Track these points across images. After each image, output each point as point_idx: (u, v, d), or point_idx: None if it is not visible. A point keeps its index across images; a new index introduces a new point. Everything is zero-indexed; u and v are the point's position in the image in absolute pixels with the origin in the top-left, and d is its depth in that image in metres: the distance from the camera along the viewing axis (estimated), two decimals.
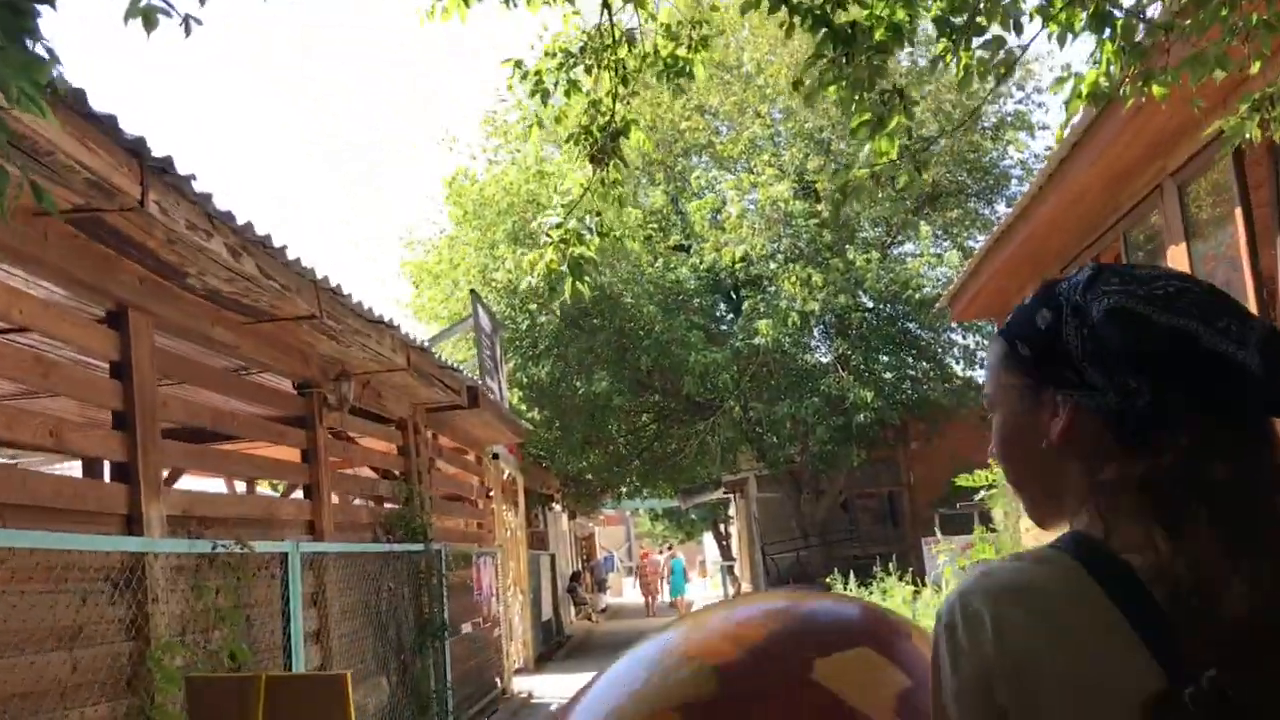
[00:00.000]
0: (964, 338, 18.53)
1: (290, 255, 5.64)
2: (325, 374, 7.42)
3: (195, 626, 5.05)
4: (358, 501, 8.62)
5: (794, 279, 15.52)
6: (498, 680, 13.56)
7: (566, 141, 4.54)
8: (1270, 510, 1.02)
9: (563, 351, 16.86)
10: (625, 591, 43.72)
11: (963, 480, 7.06)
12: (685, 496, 23.19)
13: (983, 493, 14.66)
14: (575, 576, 28.46)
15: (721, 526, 35.68)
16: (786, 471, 19.19)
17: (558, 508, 26.73)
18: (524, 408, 16.80)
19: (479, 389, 10.20)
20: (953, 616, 1.05)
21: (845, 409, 16.89)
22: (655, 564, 34.53)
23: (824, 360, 17.32)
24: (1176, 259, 7.11)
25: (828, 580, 13.72)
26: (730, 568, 33.61)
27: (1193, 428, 1.03)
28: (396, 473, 9.53)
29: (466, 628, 12.96)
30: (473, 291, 11.38)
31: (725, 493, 23.42)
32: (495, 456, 14.30)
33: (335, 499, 7.63)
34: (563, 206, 4.84)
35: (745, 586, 28.04)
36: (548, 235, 4.26)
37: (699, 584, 39.50)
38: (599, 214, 4.40)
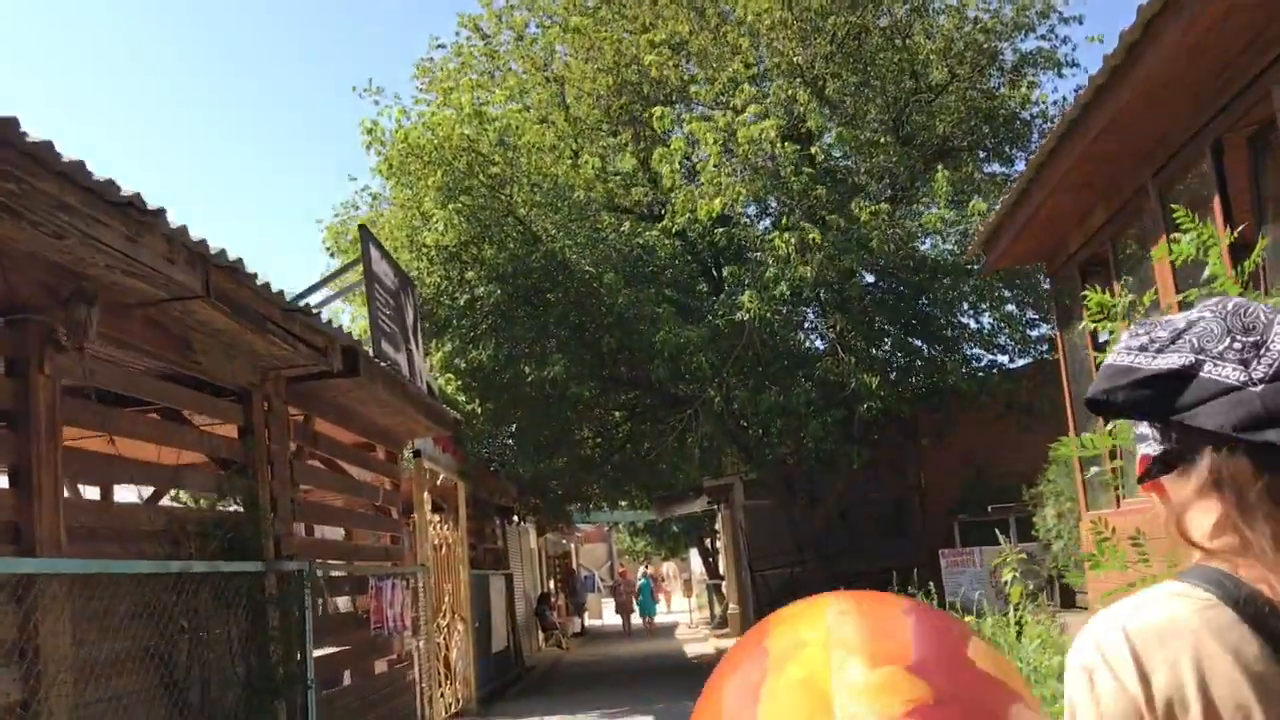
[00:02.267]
0: (977, 320, 15.86)
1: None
2: (52, 294, 4.70)
3: None
4: (131, 499, 5.89)
5: (785, 237, 12.84)
6: None
7: None
8: None
9: (509, 331, 14.13)
10: (607, 613, 40.87)
11: (1066, 449, 4.31)
12: (661, 506, 20.39)
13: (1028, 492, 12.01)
14: (544, 599, 25.70)
15: (707, 541, 32.89)
16: (778, 475, 16.48)
17: (523, 523, 23.99)
18: (462, 398, 14.07)
19: (359, 350, 7.49)
20: (1089, 658, 1.06)
21: (845, 399, 14.20)
22: (631, 583, 32.51)
23: (819, 343, 14.62)
24: None
25: None
26: (717, 586, 30.86)
27: (1229, 454, 1.05)
28: (237, 462, 6.81)
29: (381, 666, 10.25)
30: (362, 228, 8.67)
31: (709, 502, 20.68)
32: (417, 454, 11.57)
33: (69, 493, 4.90)
34: None
35: (732, 607, 25.30)
36: None
37: (683, 604, 36.63)
38: None
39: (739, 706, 1.00)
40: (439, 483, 14.04)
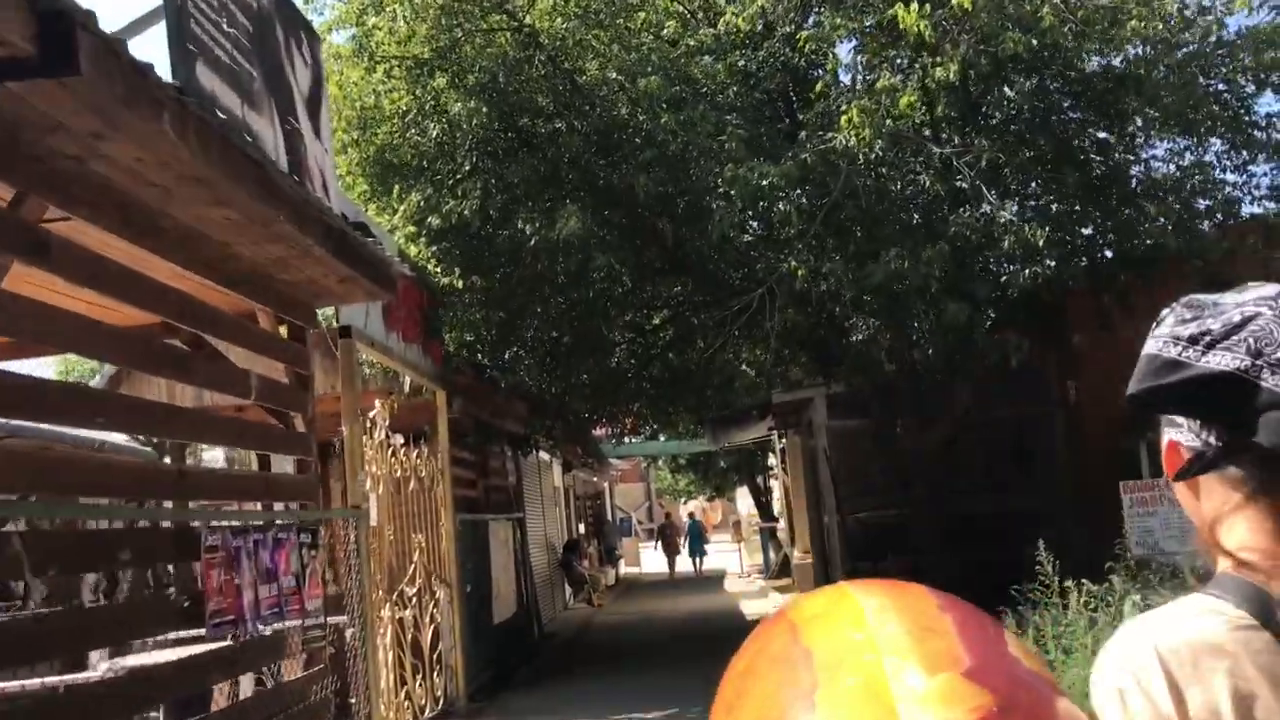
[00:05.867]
0: (1170, 159, 11.27)
1: None
2: None
3: None
4: None
5: (914, 10, 8.37)
6: None
7: None
8: None
9: (501, 174, 9.84)
10: (646, 559, 36.97)
11: None
12: (718, 431, 15.95)
13: None
14: (571, 547, 21.68)
15: (760, 479, 28.68)
16: (875, 388, 12.18)
17: (545, 456, 19.91)
18: (437, 269, 9.77)
19: (76, 17, 3.22)
20: (1121, 679, 1.02)
21: (989, 269, 9.84)
22: (677, 525, 30.70)
23: (958, 186, 10.04)
24: None
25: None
26: (772, 530, 26.72)
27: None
28: None
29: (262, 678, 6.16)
30: None
31: (773, 427, 16.32)
32: (346, 333, 7.34)
33: None
34: None
35: (795, 555, 21.14)
36: None
37: (732, 551, 32.61)
38: None
39: (793, 715, 0.95)
40: (404, 390, 9.87)
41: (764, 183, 9.09)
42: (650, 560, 36.17)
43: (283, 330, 6.49)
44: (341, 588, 6.84)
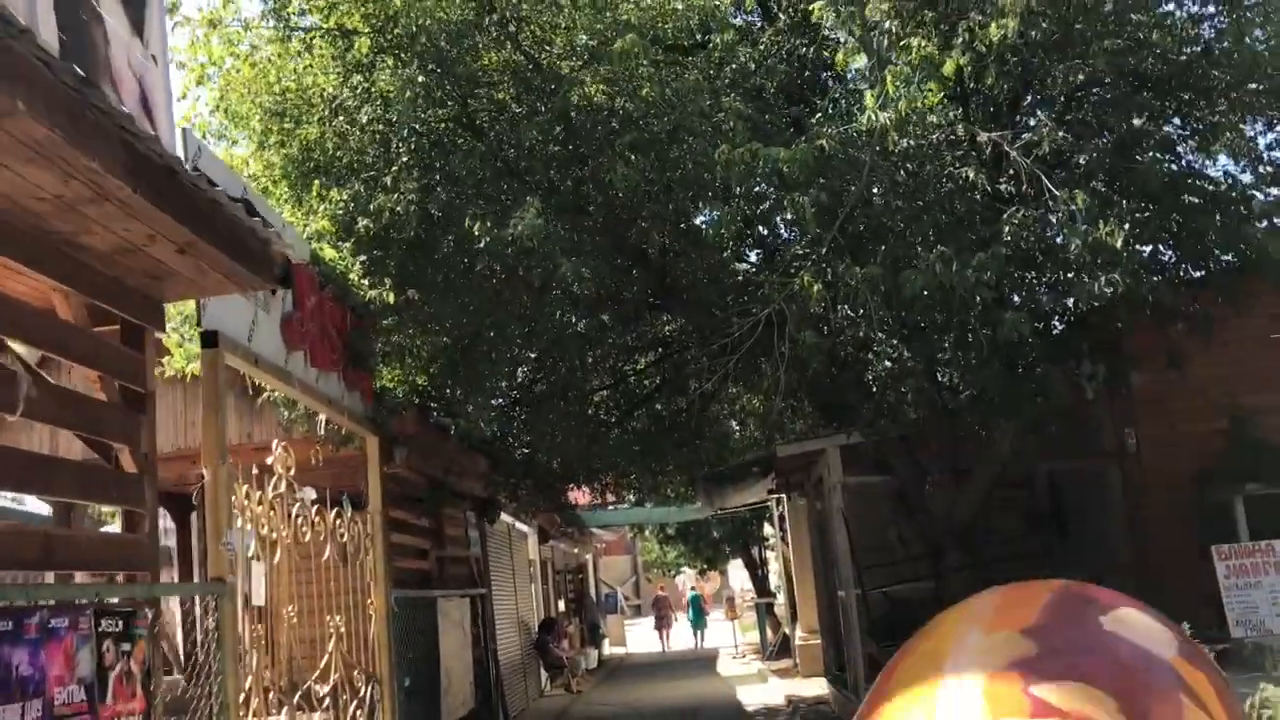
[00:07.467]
0: (1250, 164, 9.42)
1: None
2: None
3: None
4: None
5: None
6: None
7: None
8: None
9: (444, 164, 7.99)
10: (632, 637, 34.56)
11: None
12: (711, 491, 13.83)
13: None
14: (547, 626, 19.44)
15: (755, 550, 26.49)
16: (902, 437, 10.24)
17: (517, 523, 17.84)
18: (364, 281, 7.79)
19: None
20: None
21: (1049, 280, 8.00)
22: (668, 601, 29.73)
23: (1003, 189, 8.22)
24: None
25: None
26: (769, 606, 24.49)
27: None
28: None
29: None
30: None
31: (774, 488, 14.25)
32: (210, 340, 5.36)
33: None
34: None
35: (798, 634, 18.97)
36: None
37: (726, 628, 30.19)
38: None
39: (881, 682, 1.16)
40: (320, 433, 7.87)
41: (768, 167, 7.26)
42: (637, 639, 33.78)
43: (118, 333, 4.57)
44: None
